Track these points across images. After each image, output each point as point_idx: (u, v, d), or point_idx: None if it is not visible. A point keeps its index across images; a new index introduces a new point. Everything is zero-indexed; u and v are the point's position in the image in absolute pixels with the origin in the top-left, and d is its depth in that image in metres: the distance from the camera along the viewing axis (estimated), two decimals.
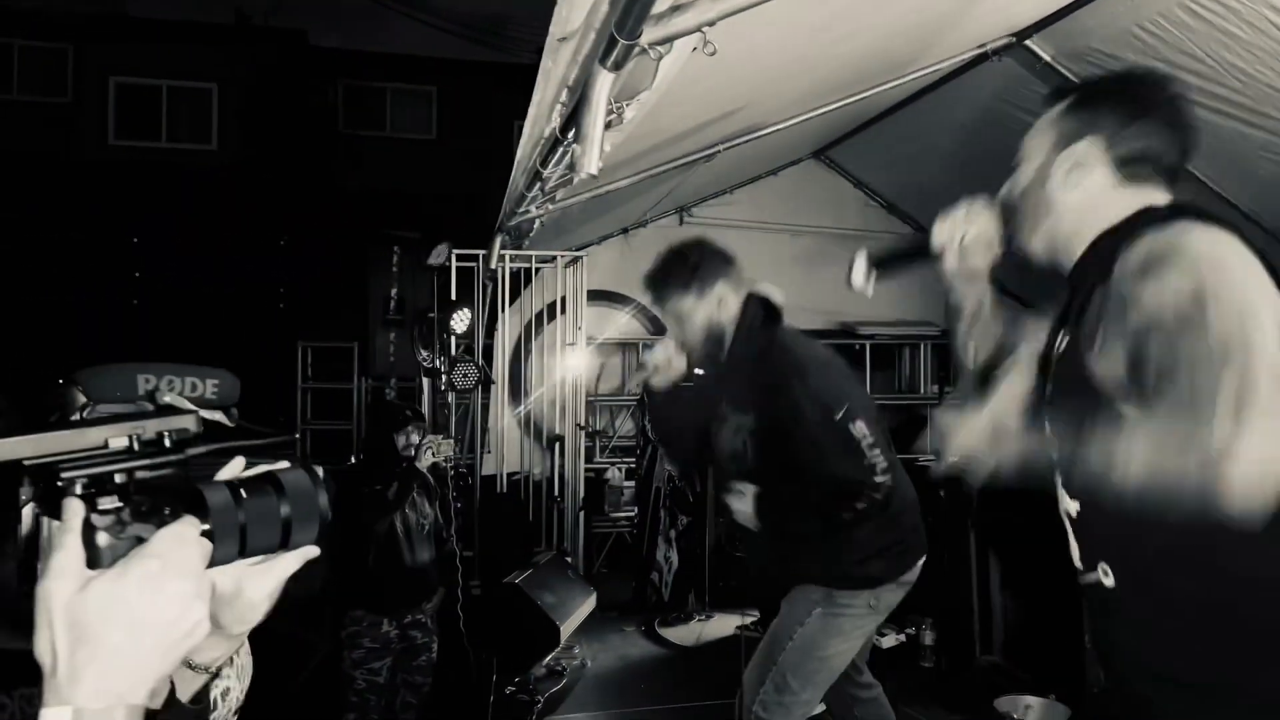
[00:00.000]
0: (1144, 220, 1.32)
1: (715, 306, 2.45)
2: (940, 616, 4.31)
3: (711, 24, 1.77)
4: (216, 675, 0.87)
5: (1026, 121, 1.52)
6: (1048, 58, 4.00)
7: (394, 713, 3.41)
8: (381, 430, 3.54)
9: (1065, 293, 1.44)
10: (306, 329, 7.25)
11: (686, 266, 2.48)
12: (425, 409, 4.70)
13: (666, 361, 2.51)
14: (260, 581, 0.79)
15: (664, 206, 6.00)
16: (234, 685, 0.96)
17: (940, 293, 1.75)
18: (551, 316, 5.72)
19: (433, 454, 3.54)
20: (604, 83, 1.79)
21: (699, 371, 2.61)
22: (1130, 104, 1.38)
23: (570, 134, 2.00)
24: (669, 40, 1.73)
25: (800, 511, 2.35)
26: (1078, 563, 1.40)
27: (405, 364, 4.72)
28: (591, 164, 1.90)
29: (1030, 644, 3.76)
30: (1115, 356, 1.23)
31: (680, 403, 2.65)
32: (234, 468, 0.78)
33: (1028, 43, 3.96)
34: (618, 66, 1.73)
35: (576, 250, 5.65)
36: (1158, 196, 1.37)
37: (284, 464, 0.78)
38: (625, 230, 6.12)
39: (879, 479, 2.23)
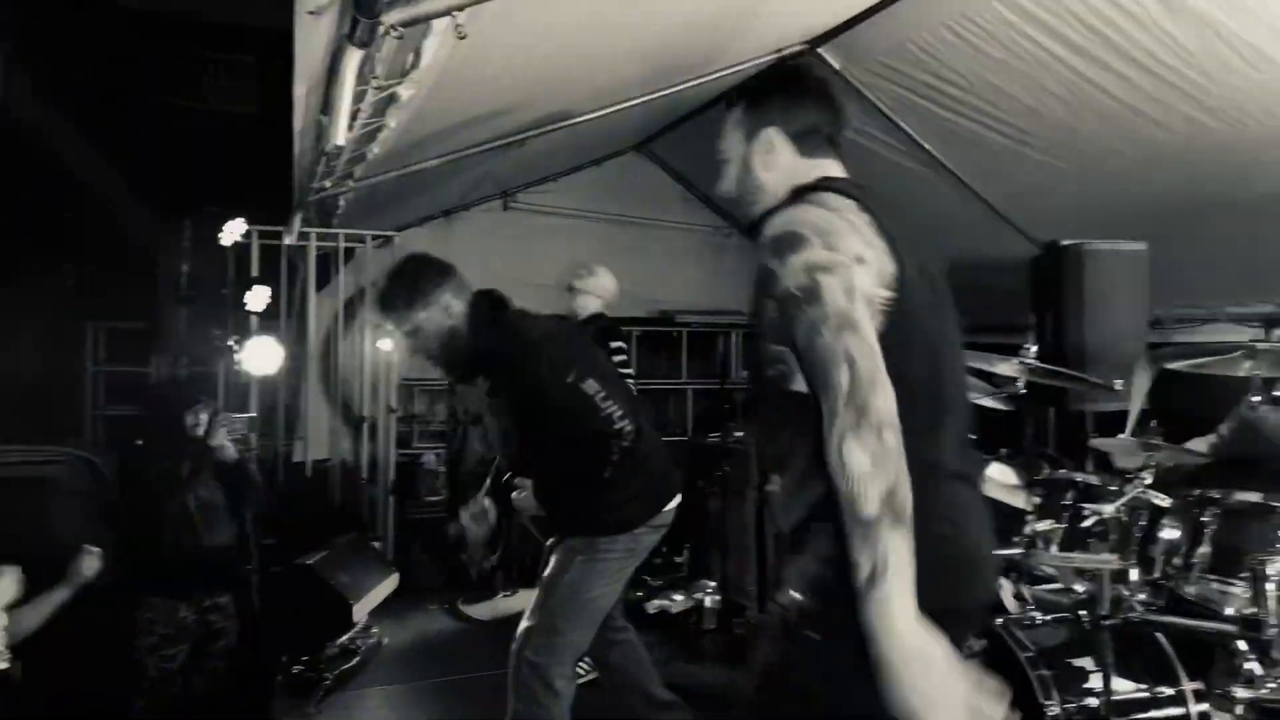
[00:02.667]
0: (791, 198, 1.62)
1: (443, 315, 2.58)
2: (724, 582, 4.58)
3: (461, 8, 1.82)
4: None
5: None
6: (837, 66, 4.28)
7: (186, 699, 3.30)
8: (169, 409, 3.42)
9: None
10: (98, 309, 6.76)
11: (405, 285, 2.60)
12: (221, 390, 4.53)
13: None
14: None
15: (485, 190, 5.99)
16: None
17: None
18: (366, 299, 5.61)
19: (227, 432, 3.44)
20: (352, 58, 1.82)
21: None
22: (790, 92, 1.71)
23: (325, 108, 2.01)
24: (414, 22, 1.77)
25: (566, 476, 2.54)
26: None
27: (200, 344, 4.53)
28: (339, 135, 1.92)
29: None
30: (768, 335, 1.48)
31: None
32: None
33: (820, 51, 4.23)
34: (364, 44, 1.76)
35: (394, 231, 5.57)
36: (832, 165, 1.68)
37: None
38: (447, 213, 6.07)
39: (619, 426, 2.44)
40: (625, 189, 6.52)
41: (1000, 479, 3.16)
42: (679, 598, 4.51)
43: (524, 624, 2.57)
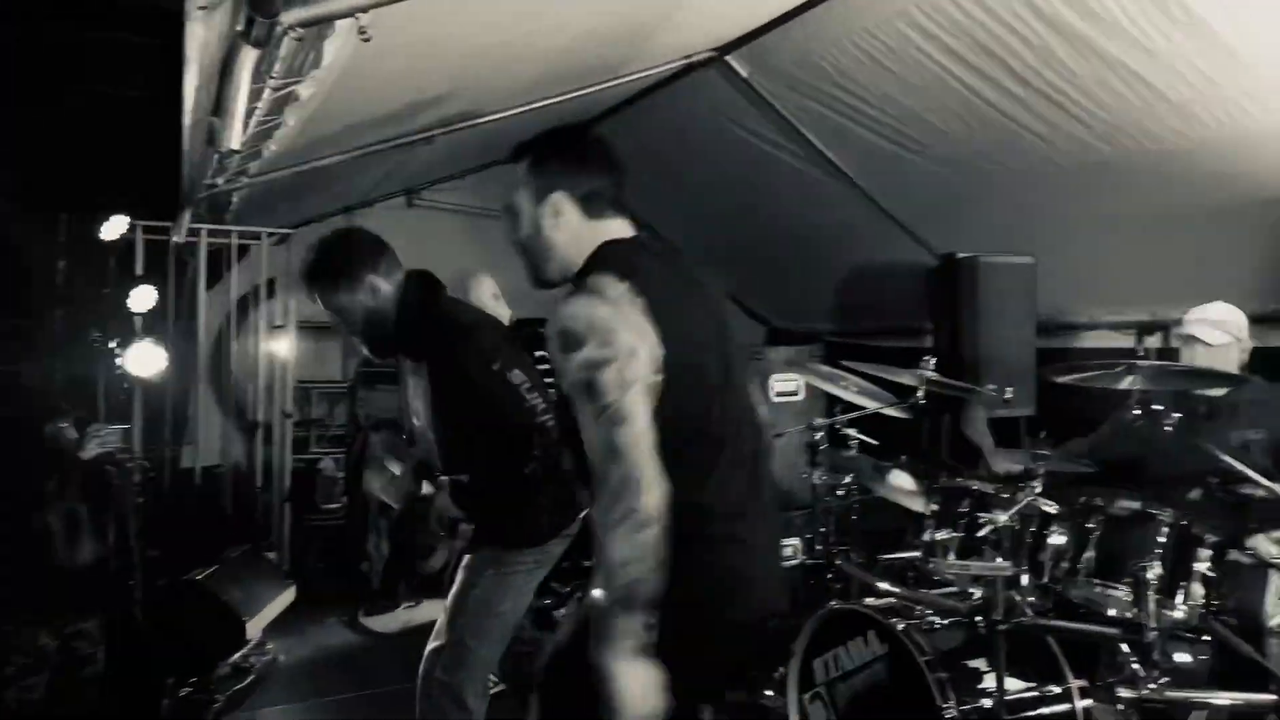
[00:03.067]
0: (601, 253, 1.73)
1: (370, 295, 2.51)
2: None
3: (365, 9, 1.75)
4: None
5: (737, 133, 1.78)
6: (744, 74, 4.33)
7: None
8: (30, 419, 3.20)
9: None
10: None
11: (334, 261, 2.52)
12: (100, 396, 4.27)
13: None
14: None
15: (389, 187, 5.84)
16: None
17: None
18: (260, 299, 5.39)
19: (99, 444, 3.24)
20: (247, 58, 1.73)
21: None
22: (573, 158, 1.78)
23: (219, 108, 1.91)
24: (314, 23, 1.70)
25: (489, 469, 2.50)
26: None
27: (77, 346, 4.26)
28: (233, 140, 1.83)
29: None
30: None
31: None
32: None
33: (728, 58, 4.27)
34: (260, 44, 1.67)
35: (290, 228, 5.36)
36: (618, 225, 1.79)
37: None
38: (348, 209, 5.89)
39: (541, 420, 2.41)
40: None
41: (900, 485, 3.27)
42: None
43: (432, 643, 2.51)
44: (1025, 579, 2.52)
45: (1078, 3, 3.01)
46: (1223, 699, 2.13)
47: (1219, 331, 2.97)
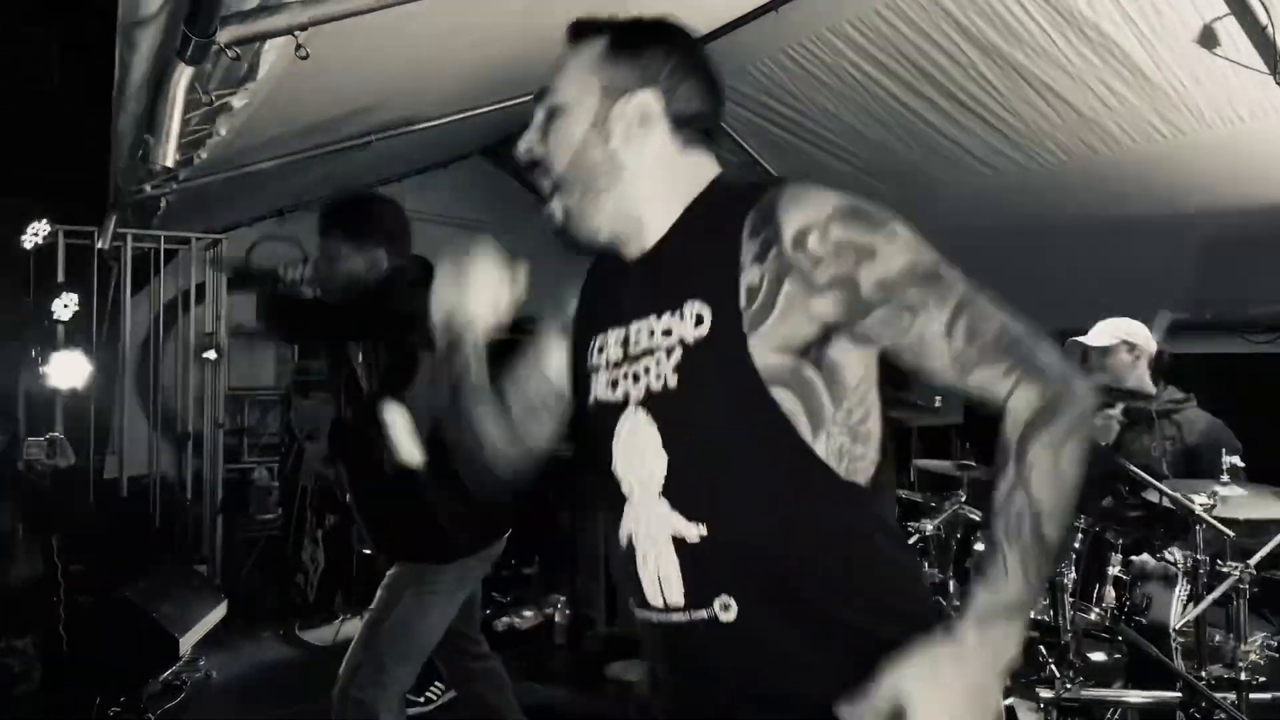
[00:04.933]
0: (730, 185, 1.21)
1: (365, 266, 2.48)
2: (573, 596, 4.60)
3: (303, 28, 1.74)
4: None
5: None
6: None
7: None
8: None
9: (643, 272, 1.22)
10: None
11: (358, 217, 2.50)
12: (21, 407, 4.12)
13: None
14: None
15: (324, 189, 5.73)
16: None
17: None
18: (190, 304, 5.25)
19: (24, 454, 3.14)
20: (182, 75, 1.71)
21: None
22: (680, 55, 1.20)
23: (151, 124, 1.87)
24: (251, 41, 1.68)
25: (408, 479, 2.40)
26: (676, 598, 1.13)
27: None
28: (167, 158, 1.80)
29: None
30: (799, 328, 1.08)
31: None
32: None
33: None
34: (195, 62, 1.65)
35: (221, 231, 5.24)
36: (706, 160, 1.23)
37: None
38: (281, 212, 5.77)
39: None
40: (473, 192, 6.41)
41: None
42: (529, 613, 4.48)
43: (349, 660, 2.48)
44: (952, 586, 2.61)
45: (999, 21, 3.13)
46: (1134, 697, 2.24)
47: (1100, 334, 3.13)
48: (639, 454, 1.16)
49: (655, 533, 1.14)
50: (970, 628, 0.99)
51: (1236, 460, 2.46)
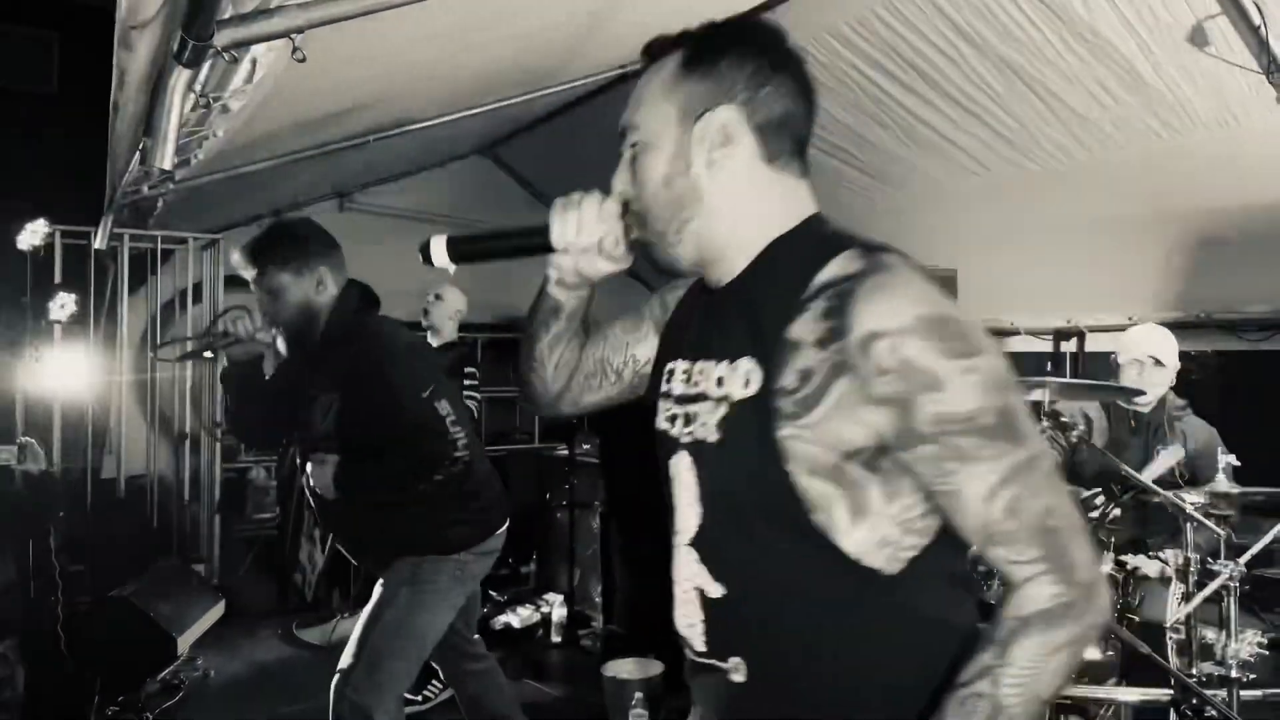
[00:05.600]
0: (822, 232, 1.12)
1: (313, 287, 2.49)
2: (570, 594, 4.60)
3: (300, 30, 1.75)
4: None
5: None
6: None
7: None
8: None
9: (718, 307, 1.17)
10: None
11: (288, 243, 2.51)
12: (20, 407, 4.12)
13: (250, 333, 2.57)
14: None
15: (320, 190, 5.75)
16: None
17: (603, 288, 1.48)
18: (186, 304, 5.25)
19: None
20: (179, 78, 1.71)
21: (280, 351, 2.64)
22: (759, 57, 1.11)
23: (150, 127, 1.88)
24: (248, 44, 1.69)
25: (382, 482, 2.46)
26: (700, 646, 1.14)
27: None
28: (165, 160, 1.80)
29: (646, 611, 4.10)
30: (846, 428, 1.01)
31: (259, 377, 2.68)
32: None
33: None
34: (192, 65, 1.66)
35: (217, 231, 5.24)
36: (800, 186, 1.15)
37: None
38: (277, 212, 5.77)
39: (459, 454, 2.40)
40: (470, 192, 6.41)
41: None
42: (525, 612, 4.48)
43: (346, 659, 2.47)
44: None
45: (995, 22, 3.15)
46: (1126, 695, 2.26)
47: (1133, 348, 3.17)
48: (681, 499, 1.15)
49: (685, 579, 1.15)
50: None
51: (1233, 459, 2.48)
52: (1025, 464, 0.97)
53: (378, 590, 2.55)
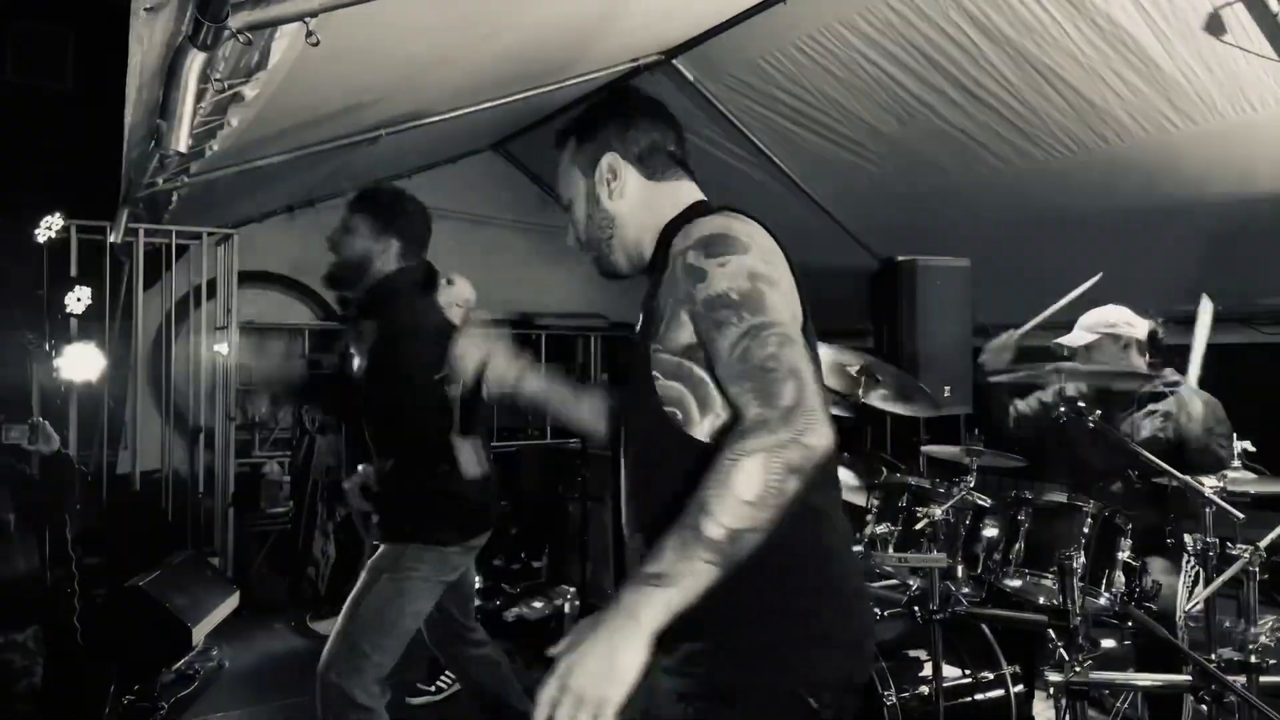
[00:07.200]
0: (697, 211, 1.48)
1: (381, 252, 2.68)
2: (583, 586, 4.60)
3: (314, 14, 1.76)
4: None
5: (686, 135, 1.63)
6: (691, 78, 4.38)
7: None
8: None
9: (649, 291, 1.49)
10: None
11: (386, 205, 2.73)
12: (35, 400, 4.15)
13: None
14: None
15: (333, 185, 5.76)
16: None
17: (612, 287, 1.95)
18: (201, 299, 5.28)
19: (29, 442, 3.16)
20: (194, 61, 1.72)
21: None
22: (621, 114, 1.55)
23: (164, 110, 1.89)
24: (262, 27, 1.70)
25: (402, 468, 2.58)
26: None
27: (9, 348, 4.13)
28: (180, 143, 1.82)
29: None
30: (677, 332, 1.35)
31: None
32: None
33: (674, 62, 4.32)
34: (206, 48, 1.67)
35: (232, 227, 5.26)
36: (689, 187, 1.55)
37: None
38: (290, 208, 5.81)
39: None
40: (483, 188, 6.42)
41: (842, 481, 3.35)
42: (538, 604, 4.49)
43: (329, 644, 2.51)
44: (961, 570, 2.61)
45: (1010, 12, 3.13)
46: (1143, 680, 2.24)
47: (1081, 331, 3.13)
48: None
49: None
50: (622, 592, 1.19)
51: (1248, 445, 2.45)
52: (760, 326, 1.27)
53: (362, 575, 2.61)
